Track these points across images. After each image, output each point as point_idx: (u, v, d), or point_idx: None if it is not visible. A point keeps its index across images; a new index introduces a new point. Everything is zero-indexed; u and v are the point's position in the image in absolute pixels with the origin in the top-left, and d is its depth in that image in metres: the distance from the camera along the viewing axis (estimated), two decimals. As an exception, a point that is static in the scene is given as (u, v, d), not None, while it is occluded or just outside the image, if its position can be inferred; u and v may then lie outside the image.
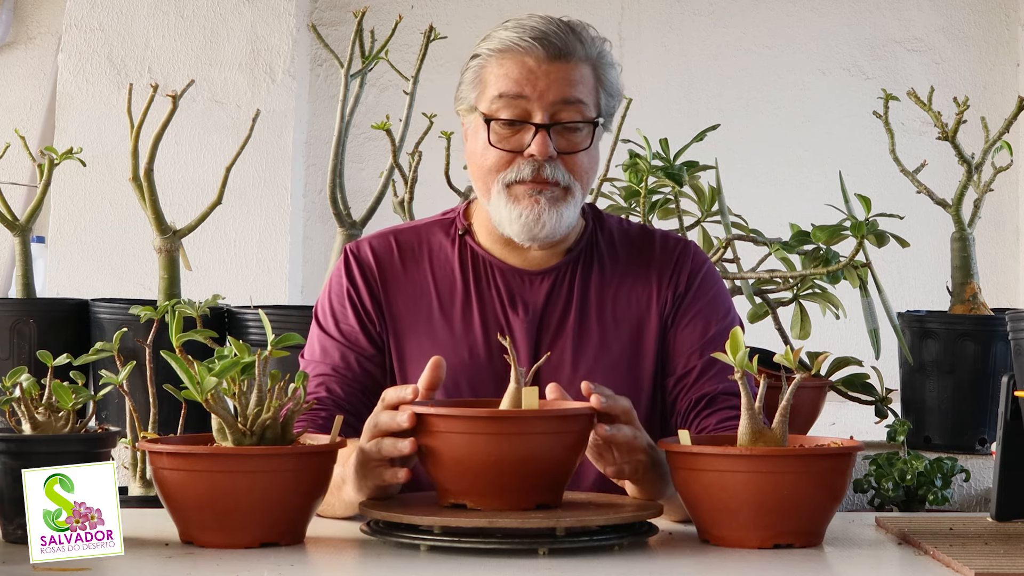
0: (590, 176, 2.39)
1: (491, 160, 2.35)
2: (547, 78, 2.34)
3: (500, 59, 2.36)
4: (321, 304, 2.46)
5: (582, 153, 2.36)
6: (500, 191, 2.35)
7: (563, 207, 2.35)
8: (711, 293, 2.46)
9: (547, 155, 2.33)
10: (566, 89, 2.34)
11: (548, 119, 2.33)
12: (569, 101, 2.34)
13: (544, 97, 2.33)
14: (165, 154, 3.43)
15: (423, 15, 4.80)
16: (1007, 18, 5.17)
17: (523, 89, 2.33)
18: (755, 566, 1.95)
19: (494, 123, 2.35)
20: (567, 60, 2.35)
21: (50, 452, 2.00)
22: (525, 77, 2.34)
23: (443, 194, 3.57)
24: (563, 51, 2.34)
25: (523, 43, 2.34)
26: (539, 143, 2.32)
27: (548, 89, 2.33)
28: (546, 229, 2.35)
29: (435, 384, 2.13)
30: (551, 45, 2.34)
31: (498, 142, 2.35)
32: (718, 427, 2.35)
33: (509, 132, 2.35)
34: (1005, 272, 5.13)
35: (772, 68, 5.14)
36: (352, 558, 2.00)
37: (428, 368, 2.13)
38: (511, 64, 2.35)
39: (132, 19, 4.82)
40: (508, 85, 2.34)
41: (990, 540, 2.10)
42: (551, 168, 2.33)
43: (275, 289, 4.78)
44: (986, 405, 3.43)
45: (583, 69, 2.36)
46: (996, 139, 3.49)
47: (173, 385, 2.09)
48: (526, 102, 2.33)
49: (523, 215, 2.34)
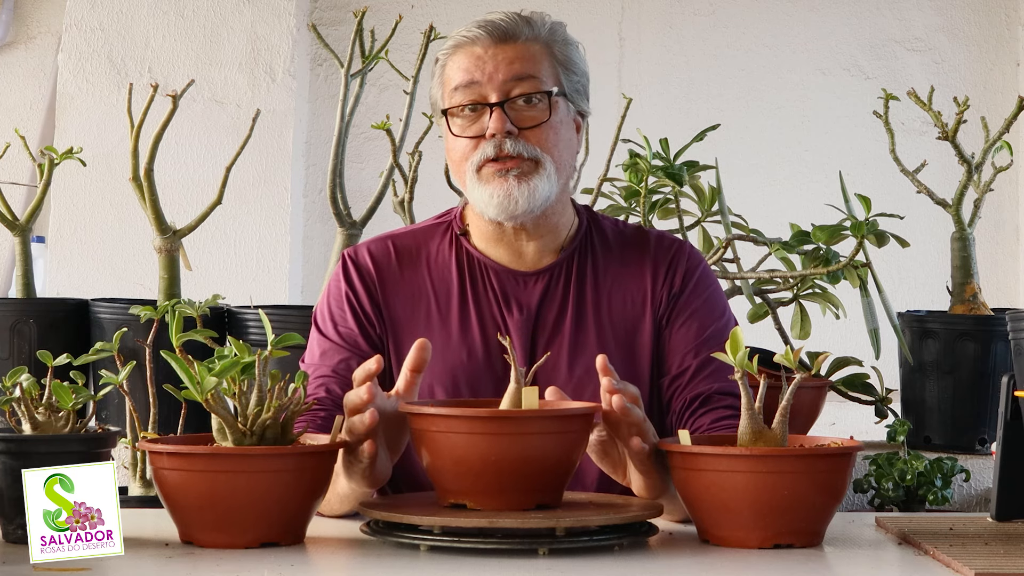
0: (562, 151, 2.41)
1: (459, 150, 2.40)
2: (495, 60, 2.39)
3: (453, 55, 2.42)
4: (320, 309, 2.47)
5: (545, 126, 2.38)
6: (472, 176, 2.39)
7: (535, 179, 2.37)
8: (706, 293, 2.46)
9: (504, 130, 2.36)
10: (515, 66, 2.39)
11: (502, 97, 2.37)
12: (520, 77, 2.38)
13: (494, 78, 2.38)
14: (165, 154, 3.43)
15: (423, 15, 4.81)
16: (1007, 18, 5.17)
17: (474, 75, 2.38)
18: (755, 566, 1.95)
19: (453, 114, 2.39)
20: (514, 40, 2.40)
21: (50, 452, 2.00)
22: (475, 64, 2.39)
23: (443, 194, 3.57)
24: (508, 33, 2.40)
25: (470, 34, 2.41)
26: (495, 120, 2.36)
27: (497, 70, 2.38)
28: (520, 204, 2.37)
29: (419, 366, 2.14)
30: (496, 28, 2.40)
31: (461, 132, 2.39)
32: (713, 426, 2.35)
33: (469, 120, 2.39)
34: (1005, 272, 5.13)
35: (772, 68, 5.14)
36: (352, 558, 2.00)
37: (414, 350, 2.15)
38: (462, 57, 2.41)
39: (132, 19, 4.81)
40: (460, 76, 2.39)
41: (990, 540, 2.10)
42: (511, 143, 2.36)
43: (275, 289, 4.78)
44: (986, 405, 3.43)
45: (533, 47, 2.41)
46: (996, 139, 3.49)
47: (173, 385, 2.09)
48: (479, 87, 2.38)
49: (494, 195, 2.37)
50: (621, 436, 2.11)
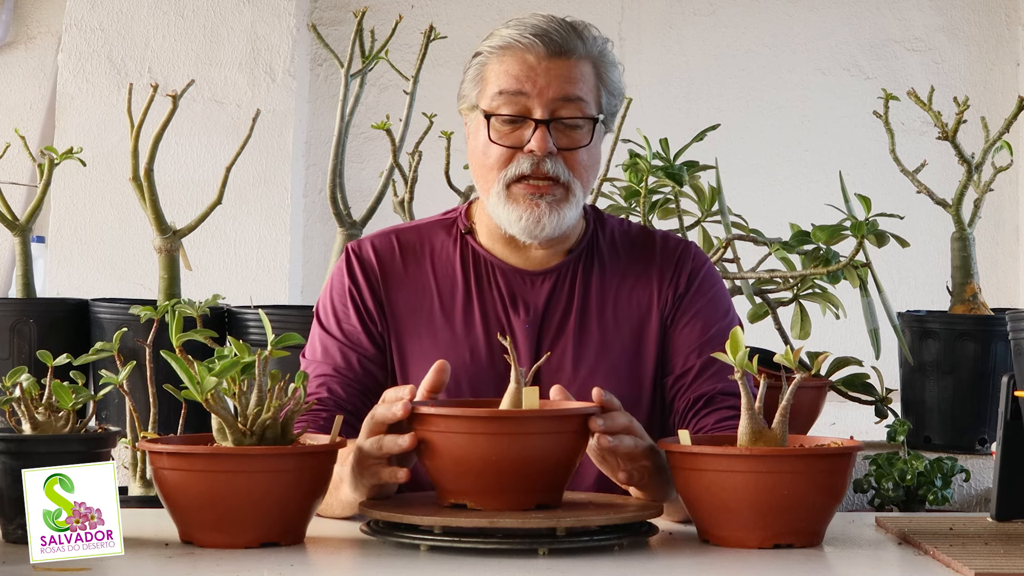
0: (590, 174, 2.39)
1: (492, 157, 2.36)
2: (547, 75, 2.34)
3: (501, 56, 2.36)
4: (323, 303, 2.46)
5: (583, 150, 2.36)
6: (500, 191, 2.35)
7: (564, 208, 2.35)
8: (711, 293, 2.46)
9: (547, 151, 2.33)
10: (566, 86, 2.34)
11: (548, 115, 2.34)
12: (569, 98, 2.35)
13: (544, 93, 2.34)
14: (165, 154, 3.43)
15: (423, 15, 4.80)
16: (1007, 18, 5.16)
17: (523, 86, 2.34)
18: (755, 566, 1.95)
19: (494, 119, 2.35)
20: (567, 57, 2.35)
21: (50, 452, 2.00)
22: (525, 74, 2.34)
23: (443, 194, 3.57)
24: (563, 48, 2.35)
25: (524, 40, 2.35)
26: (539, 138, 2.33)
27: (548, 86, 2.34)
28: (547, 231, 2.36)
29: (437, 387, 2.14)
30: (551, 42, 2.34)
31: (498, 139, 2.36)
32: (716, 427, 2.35)
33: (509, 129, 2.35)
34: (1005, 272, 5.13)
35: (772, 68, 5.14)
36: (352, 558, 2.00)
37: (432, 371, 2.14)
38: (511, 61, 2.35)
39: (132, 19, 4.81)
40: (508, 82, 2.35)
41: (990, 540, 2.10)
42: (551, 163, 2.34)
43: (275, 289, 4.77)
44: (986, 405, 3.43)
45: (584, 66, 2.37)
46: (996, 139, 3.49)
47: (173, 385, 2.09)
48: (526, 99, 2.34)
49: (523, 218, 2.35)
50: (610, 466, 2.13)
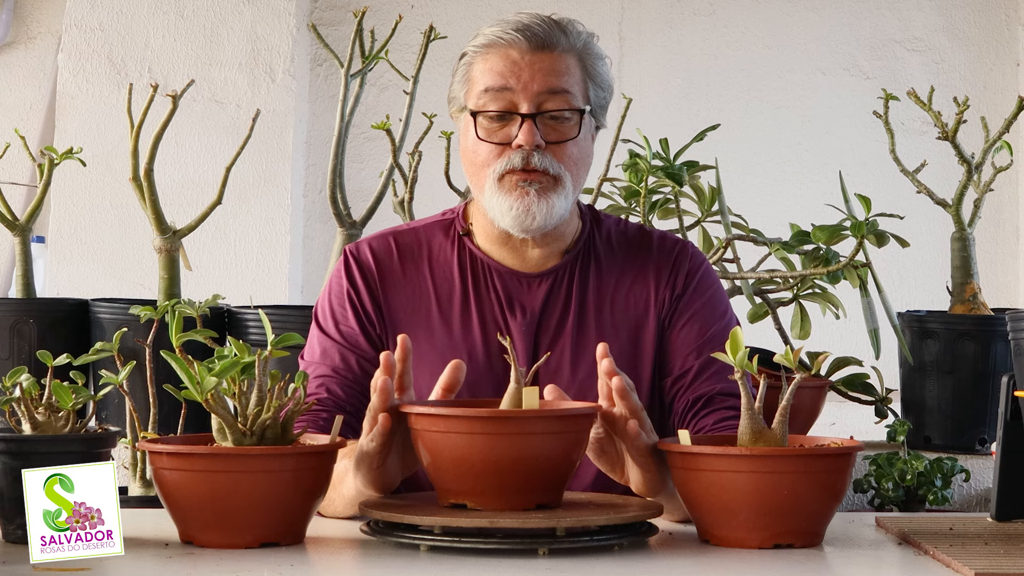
0: (580, 167, 2.40)
1: (482, 154, 2.37)
2: (531, 68, 2.35)
3: (485, 54, 2.38)
4: (321, 305, 2.46)
5: (571, 143, 2.37)
6: (492, 184, 2.36)
7: (553, 197, 2.35)
8: (708, 293, 2.46)
9: (534, 144, 2.34)
10: (551, 78, 2.35)
11: (534, 109, 2.34)
12: (554, 91, 2.35)
13: (529, 88, 2.35)
14: (165, 154, 3.43)
15: (423, 15, 4.80)
16: (1007, 18, 5.17)
17: (508, 81, 2.35)
18: (755, 566, 1.95)
19: (481, 117, 2.36)
20: (551, 50, 2.36)
21: (50, 452, 2.00)
22: (509, 69, 2.35)
23: (443, 194, 3.57)
24: (546, 41, 2.36)
25: (506, 36, 2.36)
26: (526, 132, 2.34)
27: (532, 79, 2.35)
28: (537, 220, 2.36)
29: (453, 386, 2.15)
30: (534, 36, 2.36)
31: (487, 136, 2.36)
32: (715, 427, 2.35)
33: (497, 125, 2.36)
34: (1005, 272, 5.13)
35: (772, 68, 5.14)
36: (352, 558, 2.00)
37: (448, 370, 2.15)
38: (495, 58, 2.37)
39: (132, 19, 4.81)
40: (493, 79, 2.36)
41: (990, 540, 2.10)
42: (539, 157, 2.34)
43: (275, 289, 4.78)
44: (986, 405, 3.43)
45: (568, 59, 2.38)
46: (996, 139, 3.49)
47: (173, 385, 2.09)
48: (511, 94, 2.35)
49: (513, 207, 2.35)
50: (619, 427, 2.11)
